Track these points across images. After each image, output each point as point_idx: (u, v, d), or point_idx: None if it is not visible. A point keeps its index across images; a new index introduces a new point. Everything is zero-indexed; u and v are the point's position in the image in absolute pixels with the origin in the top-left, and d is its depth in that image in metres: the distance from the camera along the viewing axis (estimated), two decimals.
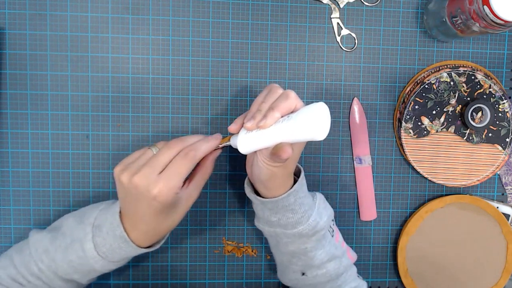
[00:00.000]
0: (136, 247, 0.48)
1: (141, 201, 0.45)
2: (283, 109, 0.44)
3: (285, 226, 0.51)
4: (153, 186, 0.43)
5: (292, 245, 0.52)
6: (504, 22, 0.49)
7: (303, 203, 0.50)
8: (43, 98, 0.60)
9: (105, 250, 0.48)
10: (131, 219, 0.47)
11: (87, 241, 0.48)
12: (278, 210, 0.50)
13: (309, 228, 0.50)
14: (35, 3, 0.59)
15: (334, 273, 0.54)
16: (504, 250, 0.65)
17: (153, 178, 0.44)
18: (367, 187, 0.64)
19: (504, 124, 0.62)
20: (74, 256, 0.49)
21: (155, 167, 0.44)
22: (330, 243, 0.54)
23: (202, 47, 0.61)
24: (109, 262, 0.49)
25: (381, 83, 0.64)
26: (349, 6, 0.62)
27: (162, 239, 0.52)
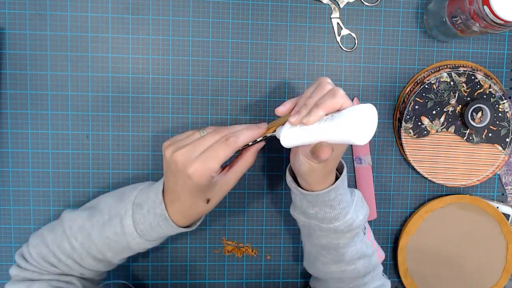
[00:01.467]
0: (174, 226, 0.49)
1: (179, 177, 0.46)
2: (328, 107, 0.43)
3: (321, 220, 0.51)
4: (190, 165, 0.44)
5: (325, 239, 0.52)
6: (504, 22, 0.49)
7: (342, 199, 0.50)
8: (43, 98, 0.60)
9: (143, 228, 0.49)
10: (170, 196, 0.48)
11: (127, 217, 0.49)
12: (317, 204, 0.50)
13: (345, 225, 0.50)
14: (35, 3, 0.59)
15: (363, 271, 0.54)
16: (504, 250, 0.65)
17: (192, 157, 0.45)
18: (367, 187, 0.64)
19: (504, 124, 0.62)
20: (112, 232, 0.49)
21: (196, 148, 0.45)
22: (362, 241, 0.54)
23: (202, 47, 0.61)
24: (145, 240, 0.50)
25: (381, 83, 0.64)
26: (349, 6, 0.62)
27: (198, 220, 0.53)
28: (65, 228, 0.51)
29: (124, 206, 0.50)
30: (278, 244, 0.65)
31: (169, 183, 0.48)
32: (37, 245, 0.52)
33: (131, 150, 0.61)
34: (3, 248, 0.61)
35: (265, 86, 0.62)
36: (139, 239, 0.50)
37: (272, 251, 0.65)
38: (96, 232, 0.50)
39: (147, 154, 0.62)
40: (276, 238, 0.65)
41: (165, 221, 0.49)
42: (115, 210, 0.50)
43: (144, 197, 0.50)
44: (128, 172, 0.62)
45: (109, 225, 0.50)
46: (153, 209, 0.49)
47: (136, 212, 0.49)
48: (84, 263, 0.52)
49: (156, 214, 0.48)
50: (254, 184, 0.63)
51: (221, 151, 0.45)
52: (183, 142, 0.47)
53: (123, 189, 0.53)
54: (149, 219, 0.49)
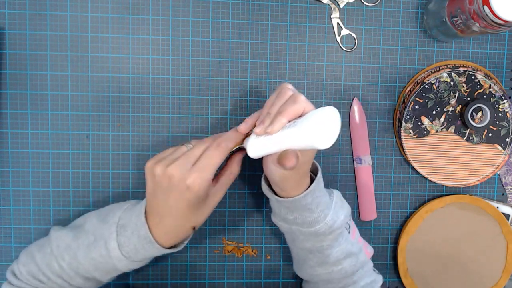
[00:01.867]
0: (159, 248, 0.48)
1: (173, 193, 0.45)
2: (290, 113, 0.43)
3: (301, 224, 0.51)
4: (187, 176, 0.44)
5: (308, 243, 0.52)
6: (504, 22, 0.49)
7: (320, 202, 0.50)
8: (43, 98, 0.60)
9: (129, 250, 0.48)
10: (158, 216, 0.47)
11: (112, 240, 0.48)
12: (295, 209, 0.50)
13: (326, 227, 0.50)
14: (35, 3, 0.59)
15: (350, 269, 0.54)
16: (504, 250, 0.65)
17: (187, 168, 0.44)
18: (367, 187, 0.64)
19: (504, 124, 0.62)
20: (97, 254, 0.49)
21: (189, 159, 0.45)
22: (347, 240, 0.54)
23: (202, 47, 0.61)
24: (132, 261, 0.49)
25: (381, 83, 0.64)
26: (349, 6, 0.62)
27: (185, 239, 0.52)
28: (53, 248, 0.51)
29: (108, 228, 0.49)
30: (278, 244, 0.65)
31: (156, 205, 0.47)
32: (26, 263, 0.52)
33: (131, 150, 0.61)
34: (3, 248, 0.61)
35: (265, 86, 0.62)
36: (125, 261, 0.49)
37: (272, 251, 0.65)
38: (82, 253, 0.49)
39: (147, 154, 0.62)
40: (276, 238, 0.65)
41: (150, 244, 0.48)
42: (99, 232, 0.49)
43: (127, 219, 0.49)
44: (128, 172, 0.62)
45: (94, 247, 0.49)
46: (136, 231, 0.48)
47: (120, 234, 0.48)
48: (73, 281, 0.51)
49: (140, 237, 0.48)
50: (254, 184, 0.63)
51: (215, 157, 0.45)
52: (171, 156, 0.46)
53: (108, 208, 0.53)
54: (133, 241, 0.48)
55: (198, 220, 0.49)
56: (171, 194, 0.45)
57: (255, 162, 0.63)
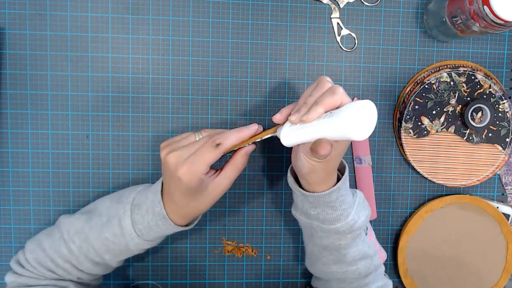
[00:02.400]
0: (172, 225, 0.49)
1: (172, 178, 0.47)
2: (327, 104, 0.43)
3: (323, 221, 0.51)
4: (180, 167, 0.46)
5: (327, 240, 0.52)
6: (504, 22, 0.49)
7: (344, 201, 0.50)
8: (43, 98, 0.60)
9: (142, 228, 0.49)
10: (167, 196, 0.49)
11: (126, 218, 0.49)
12: (319, 205, 0.50)
13: (346, 226, 0.50)
14: (35, 3, 0.59)
15: (364, 271, 0.54)
16: (504, 250, 0.65)
17: (181, 161, 0.46)
18: (367, 187, 0.64)
19: (504, 124, 0.62)
20: (110, 233, 0.50)
21: (188, 151, 0.47)
22: (364, 242, 0.54)
23: (202, 47, 0.61)
24: (144, 240, 0.50)
25: (381, 83, 0.64)
26: (349, 6, 0.62)
27: (195, 219, 0.53)
28: (63, 232, 0.52)
29: (123, 207, 0.50)
30: (278, 244, 0.65)
31: (165, 183, 0.49)
32: (33, 250, 0.52)
33: (131, 150, 0.61)
34: (3, 248, 0.61)
35: (265, 86, 0.62)
36: (137, 239, 0.50)
37: (272, 251, 0.65)
38: (94, 235, 0.50)
39: (147, 154, 0.62)
40: (276, 238, 0.65)
41: (164, 220, 0.49)
42: (113, 211, 0.51)
43: (142, 198, 0.50)
44: (128, 172, 0.62)
45: (108, 227, 0.50)
46: (151, 208, 0.49)
47: (134, 212, 0.50)
48: (81, 266, 0.52)
49: (155, 214, 0.49)
50: (254, 184, 0.63)
51: (208, 154, 0.46)
52: (177, 144, 0.48)
53: (121, 191, 0.54)
54: (147, 219, 0.49)
55: (199, 208, 0.50)
56: (171, 179, 0.47)
57: (255, 163, 0.63)
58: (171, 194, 0.48)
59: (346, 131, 0.40)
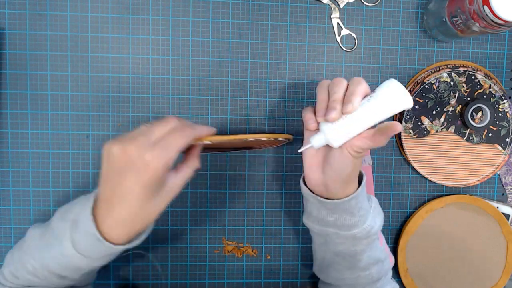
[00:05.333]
0: (109, 245, 0.43)
1: (129, 173, 0.41)
2: (362, 92, 0.45)
3: (340, 227, 0.50)
4: (148, 152, 0.41)
5: (342, 246, 0.52)
6: (504, 22, 0.49)
7: (362, 207, 0.50)
8: (43, 98, 0.60)
9: (84, 248, 0.44)
10: (109, 204, 0.43)
11: (66, 239, 0.45)
12: (337, 211, 0.49)
13: (364, 232, 0.50)
14: (35, 3, 0.59)
15: (376, 276, 0.54)
16: (504, 250, 0.65)
17: (148, 145, 0.41)
18: (367, 187, 0.64)
19: (504, 124, 0.62)
20: (58, 252, 0.46)
21: (150, 137, 0.42)
22: (377, 246, 0.54)
23: (202, 47, 0.61)
24: (93, 259, 0.46)
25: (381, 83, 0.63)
26: (349, 6, 0.62)
27: (140, 234, 0.47)
28: (26, 247, 0.49)
29: (63, 225, 0.46)
30: (278, 244, 0.65)
31: (107, 189, 0.43)
32: (7, 264, 0.51)
33: None
34: (3, 248, 0.61)
35: (265, 86, 0.62)
36: (85, 259, 0.45)
37: (272, 251, 0.65)
38: (46, 253, 0.47)
39: None
40: (276, 238, 0.65)
41: (98, 242, 0.43)
42: (57, 230, 0.47)
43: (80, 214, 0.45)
44: None
45: (54, 246, 0.46)
46: (86, 228, 0.43)
47: (73, 231, 0.45)
48: (49, 281, 0.49)
49: (88, 233, 0.43)
50: (254, 184, 0.63)
51: (179, 139, 0.43)
52: (130, 135, 0.43)
53: (74, 200, 0.49)
54: (86, 239, 0.44)
55: (153, 210, 0.44)
56: (127, 175, 0.41)
57: (255, 162, 0.63)
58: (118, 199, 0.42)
59: (400, 101, 0.44)
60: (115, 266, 0.63)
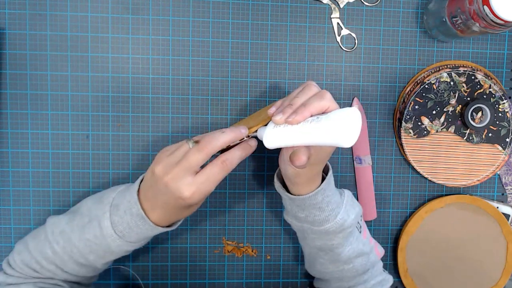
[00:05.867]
0: (153, 225, 0.48)
1: (168, 196, 0.45)
2: (315, 108, 0.43)
3: (312, 222, 0.51)
4: (186, 189, 0.44)
5: (319, 241, 0.53)
6: (504, 22, 0.49)
7: (330, 201, 0.50)
8: (43, 98, 0.60)
9: (122, 229, 0.48)
10: (151, 203, 0.47)
11: (105, 219, 0.48)
12: (306, 208, 0.50)
13: (336, 226, 0.51)
14: (35, 3, 0.59)
15: (361, 268, 0.54)
16: (504, 250, 0.65)
17: (187, 180, 0.44)
18: (367, 187, 0.64)
19: (504, 124, 0.62)
20: (92, 234, 0.49)
21: (188, 170, 0.44)
22: (358, 239, 0.54)
23: (202, 47, 0.61)
24: (126, 242, 0.49)
25: (381, 83, 0.64)
26: (349, 6, 0.62)
27: (179, 221, 0.52)
28: (48, 233, 0.51)
29: (102, 208, 0.49)
30: (278, 244, 0.65)
31: (151, 196, 0.47)
32: (21, 252, 0.52)
33: (131, 150, 0.61)
34: (3, 248, 0.61)
35: (265, 86, 0.62)
36: (119, 240, 0.49)
37: (272, 251, 0.65)
38: (76, 235, 0.49)
39: (147, 154, 0.61)
40: (276, 238, 0.65)
41: (143, 221, 0.48)
42: (94, 212, 0.50)
43: (121, 198, 0.49)
44: (128, 172, 0.62)
45: (89, 228, 0.49)
46: (129, 209, 0.48)
47: (113, 213, 0.48)
48: (66, 268, 0.51)
49: (133, 214, 0.48)
50: (254, 184, 0.63)
51: (218, 175, 0.45)
52: (172, 158, 0.45)
53: (104, 191, 0.53)
54: (126, 219, 0.48)
55: (190, 213, 0.49)
56: (165, 196, 0.45)
57: (255, 163, 0.63)
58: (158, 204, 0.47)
59: (335, 138, 0.40)
60: (115, 266, 0.63)
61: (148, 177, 0.47)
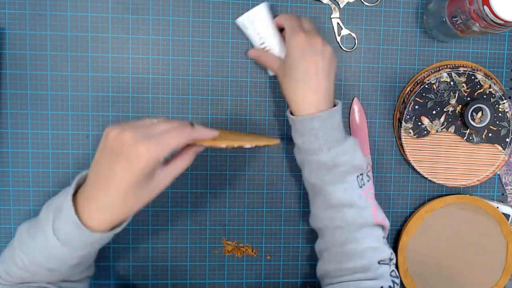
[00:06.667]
0: (87, 232, 0.43)
1: (121, 159, 0.41)
2: None
3: (307, 150, 0.52)
4: (141, 143, 0.41)
5: (314, 177, 0.53)
6: (504, 22, 0.49)
7: (327, 132, 0.51)
8: (43, 98, 0.60)
9: (64, 236, 0.44)
10: (95, 188, 0.43)
11: (48, 227, 0.44)
12: (303, 133, 0.52)
13: (328, 158, 0.51)
14: (35, 3, 0.59)
15: (351, 221, 0.52)
16: (504, 250, 0.65)
17: (144, 137, 0.42)
18: None
19: (504, 124, 0.62)
20: (42, 243, 0.45)
21: (148, 130, 0.43)
22: (353, 188, 0.52)
23: (202, 47, 0.61)
24: (73, 248, 0.44)
25: (381, 83, 0.64)
26: (349, 6, 0.62)
27: (122, 222, 0.46)
28: (15, 242, 0.48)
29: (47, 214, 0.45)
30: (278, 244, 0.65)
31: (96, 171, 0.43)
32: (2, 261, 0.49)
33: None
34: (3, 248, 0.61)
35: (265, 86, 0.62)
36: (65, 248, 0.44)
37: (272, 251, 0.65)
38: (30, 244, 0.46)
39: None
40: (276, 238, 0.65)
41: (78, 228, 0.43)
42: (42, 218, 0.46)
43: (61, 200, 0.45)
44: None
45: (38, 236, 0.45)
46: (66, 212, 0.43)
47: (56, 218, 0.44)
48: (40, 276, 0.47)
49: (69, 218, 0.43)
50: (254, 184, 0.63)
51: (175, 138, 0.43)
52: (133, 124, 0.44)
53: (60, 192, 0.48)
54: (66, 225, 0.43)
55: (136, 202, 0.44)
56: (118, 160, 0.41)
57: (255, 162, 0.63)
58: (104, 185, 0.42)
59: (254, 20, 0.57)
60: (115, 266, 0.63)
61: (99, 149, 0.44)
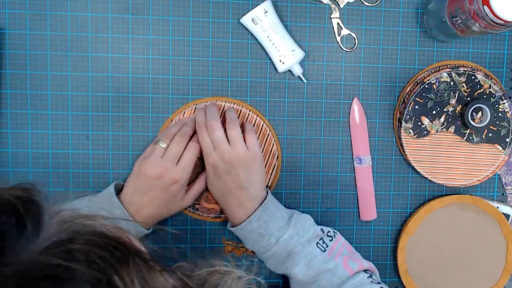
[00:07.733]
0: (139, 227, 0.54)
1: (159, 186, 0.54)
2: None
3: (258, 251, 0.55)
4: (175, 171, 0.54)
5: (278, 268, 0.56)
6: (504, 22, 0.49)
7: (269, 225, 0.54)
8: (43, 98, 0.60)
9: None
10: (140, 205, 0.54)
11: None
12: (248, 237, 0.55)
13: (280, 249, 0.54)
14: (35, 3, 0.59)
15: (329, 285, 0.54)
16: (504, 250, 0.65)
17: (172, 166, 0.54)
18: (367, 187, 0.64)
19: (504, 124, 0.62)
20: None
21: (171, 157, 0.54)
22: (316, 257, 0.54)
23: (202, 47, 0.61)
24: None
25: (381, 83, 0.64)
26: (349, 6, 0.62)
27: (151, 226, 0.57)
28: None
29: None
30: None
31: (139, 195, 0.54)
32: None
33: (131, 150, 0.61)
34: None
35: (265, 86, 0.62)
36: None
37: None
38: None
39: None
40: None
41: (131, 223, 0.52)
42: None
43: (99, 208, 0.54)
44: (128, 172, 0.61)
45: None
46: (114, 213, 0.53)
47: None
48: None
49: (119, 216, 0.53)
50: None
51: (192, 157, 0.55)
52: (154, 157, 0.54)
53: None
54: None
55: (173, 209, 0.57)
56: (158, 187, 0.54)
57: None
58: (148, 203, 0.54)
59: None
60: None
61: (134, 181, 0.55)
